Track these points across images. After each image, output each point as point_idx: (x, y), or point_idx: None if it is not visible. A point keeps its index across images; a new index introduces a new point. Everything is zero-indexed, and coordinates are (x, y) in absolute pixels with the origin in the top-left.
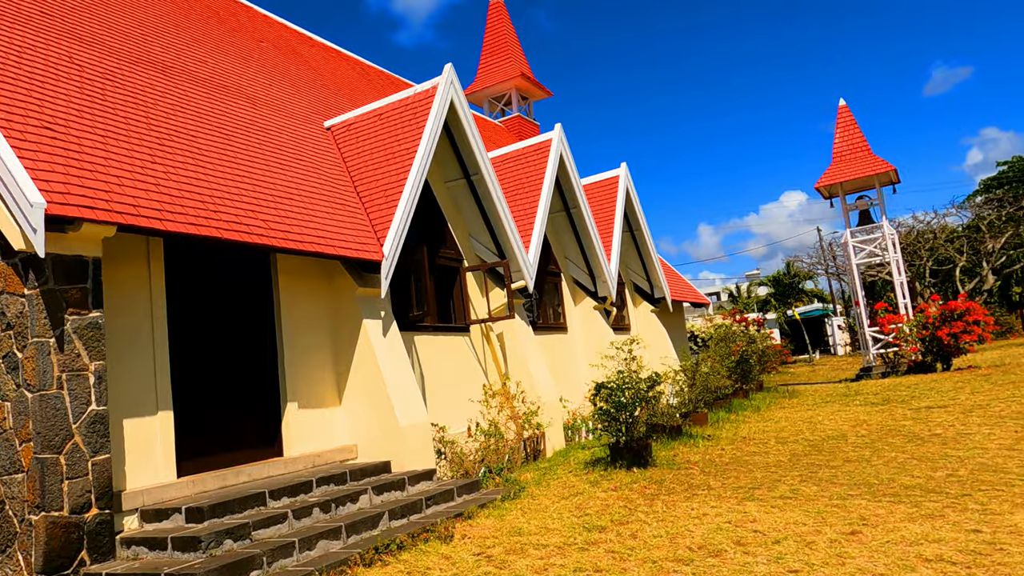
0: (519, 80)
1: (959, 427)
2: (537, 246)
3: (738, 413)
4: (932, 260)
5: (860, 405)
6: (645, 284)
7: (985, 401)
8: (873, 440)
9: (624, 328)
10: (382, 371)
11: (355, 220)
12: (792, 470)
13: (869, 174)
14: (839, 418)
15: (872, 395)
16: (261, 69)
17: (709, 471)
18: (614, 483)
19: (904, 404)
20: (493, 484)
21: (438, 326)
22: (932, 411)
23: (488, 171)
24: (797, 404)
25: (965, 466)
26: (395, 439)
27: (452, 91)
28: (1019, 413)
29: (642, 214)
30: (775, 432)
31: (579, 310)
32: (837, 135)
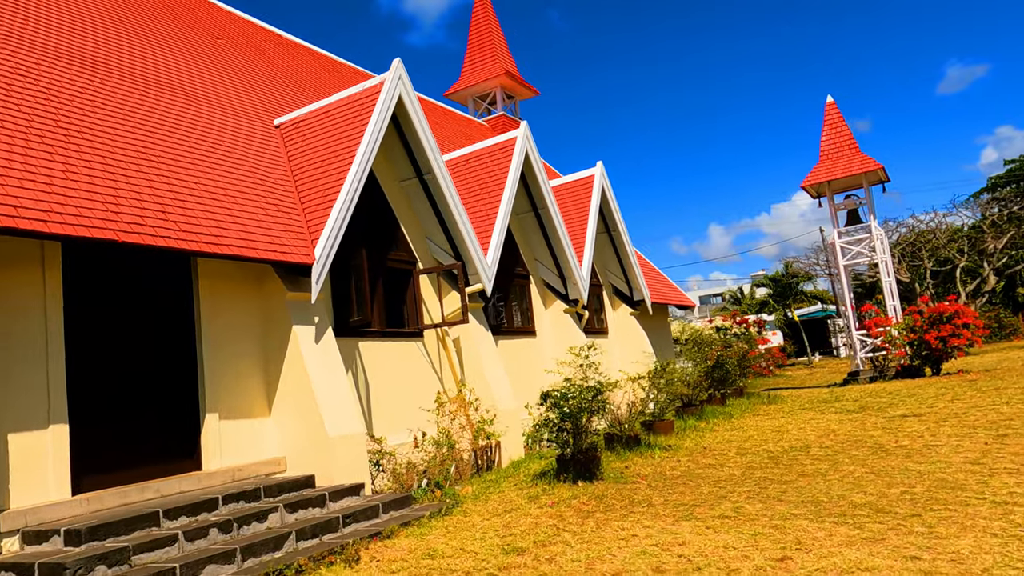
0: (503, 78)
1: (928, 438)
2: (497, 247)
3: (709, 421)
4: (933, 261)
5: (835, 413)
6: (624, 286)
7: (963, 409)
8: (836, 452)
9: (601, 331)
10: (311, 379)
11: (289, 222)
12: (743, 485)
13: (856, 172)
14: (809, 427)
15: (851, 401)
16: (211, 66)
17: (656, 486)
18: (553, 498)
19: (879, 412)
20: (429, 499)
21: (386, 331)
22: (906, 420)
23: (440, 170)
24: (773, 411)
25: (923, 482)
26: (324, 451)
27: (401, 87)
28: (993, 423)
29: (619, 214)
30: (739, 442)
31: (549, 313)
32: (824, 133)
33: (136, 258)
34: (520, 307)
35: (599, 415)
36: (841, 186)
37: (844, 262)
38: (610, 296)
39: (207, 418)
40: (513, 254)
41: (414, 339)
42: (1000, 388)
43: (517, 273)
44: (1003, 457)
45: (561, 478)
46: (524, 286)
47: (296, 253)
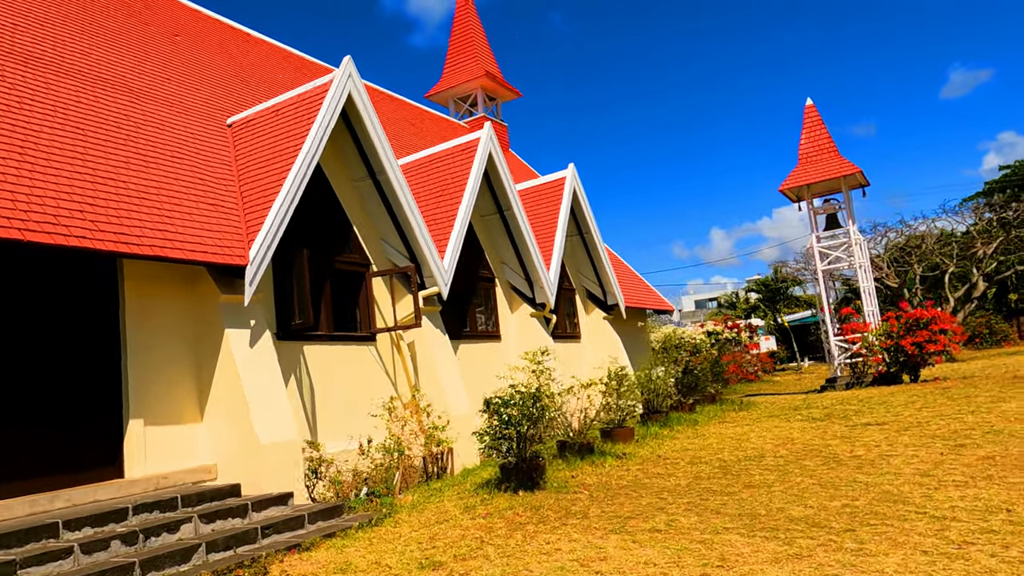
0: (484, 80)
1: (885, 448)
2: (454, 250)
3: (673, 428)
4: (923, 266)
5: (800, 420)
6: (598, 290)
7: (927, 418)
8: (788, 462)
9: (573, 336)
10: (243, 384)
11: (226, 222)
12: (685, 496)
13: (835, 176)
14: (770, 436)
15: (820, 409)
16: (163, 63)
17: (598, 496)
18: (489, 509)
19: (844, 420)
20: (364, 508)
21: (335, 335)
22: (867, 429)
23: (393, 170)
24: (740, 419)
25: (868, 494)
26: (255, 459)
27: (351, 85)
28: (954, 432)
29: (591, 217)
30: (696, 451)
31: (516, 317)
32: (803, 136)
33: (56, 259)
34: (485, 311)
35: (543, 422)
36: (820, 190)
37: (823, 267)
38: (583, 300)
39: (131, 424)
40: (477, 257)
41: (366, 343)
42: (971, 396)
43: (481, 276)
44: (955, 469)
45: (503, 488)
46: (489, 289)
47: (229, 254)
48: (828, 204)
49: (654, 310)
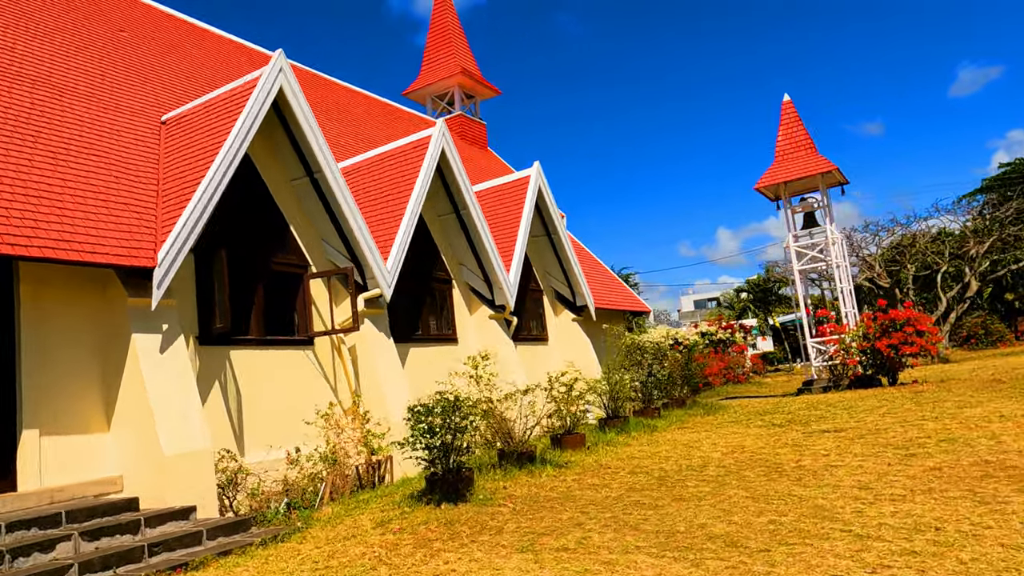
0: (461, 77)
1: (833, 457)
2: (400, 250)
3: (630, 434)
4: (917, 265)
5: (760, 427)
6: (567, 291)
7: (888, 424)
8: (730, 472)
9: (540, 338)
10: (148, 392)
11: (139, 222)
12: (609, 510)
13: (811, 173)
14: (723, 443)
15: (785, 414)
16: (100, 59)
17: (521, 510)
18: (403, 524)
19: (804, 426)
20: (278, 522)
21: (267, 339)
22: (823, 436)
23: (330, 168)
24: (702, 424)
25: (799, 509)
26: (159, 471)
27: (282, 78)
28: (910, 440)
29: (558, 217)
30: (642, 459)
31: (475, 320)
32: (780, 133)
33: None
34: (440, 313)
35: (468, 431)
36: (798, 188)
37: (799, 267)
38: (552, 301)
39: (25, 434)
40: (432, 257)
41: (303, 347)
42: (940, 401)
43: (437, 277)
44: (897, 481)
45: (426, 499)
46: (445, 291)
47: (135, 256)
48: (805, 203)
49: (632, 312)
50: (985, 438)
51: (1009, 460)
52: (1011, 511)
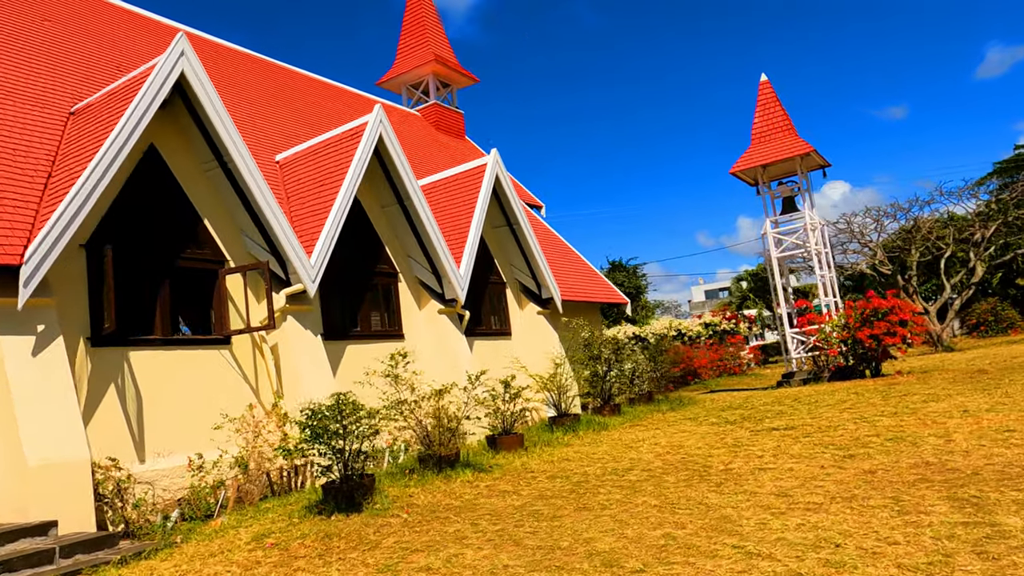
0: (435, 65)
1: (768, 459)
2: (326, 243)
3: (577, 433)
4: (920, 252)
5: (712, 424)
6: (532, 284)
7: (842, 421)
8: (651, 477)
9: (503, 332)
10: (13, 397)
11: (12, 217)
12: (502, 522)
13: (787, 155)
14: (665, 443)
15: (747, 409)
16: (10, 49)
17: (413, 521)
18: (281, 538)
19: (756, 423)
20: (161, 536)
21: (172, 340)
22: (770, 434)
23: (241, 156)
24: (657, 422)
25: (702, 520)
26: (23, 482)
27: (184, 63)
28: (856, 440)
29: (520, 206)
30: (572, 461)
31: (424, 314)
32: (757, 114)
33: None
34: (386, 308)
35: (361, 436)
36: (777, 172)
37: (777, 254)
38: (517, 294)
39: None
40: (375, 250)
41: (219, 347)
42: (910, 394)
43: (379, 271)
44: (821, 487)
45: (318, 510)
46: (390, 285)
47: (2, 253)
48: (784, 187)
49: (609, 303)
50: (936, 436)
51: (951, 462)
52: (927, 523)
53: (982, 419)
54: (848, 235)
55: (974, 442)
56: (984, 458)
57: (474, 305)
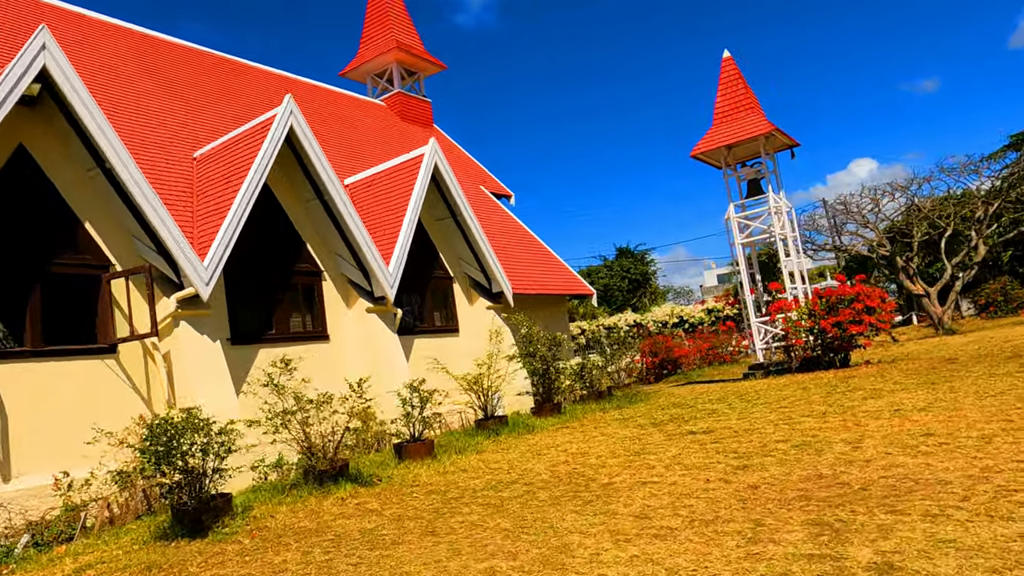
0: (397, 53)
1: (659, 470)
2: (223, 244)
3: (498, 437)
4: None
5: (637, 427)
6: (482, 278)
7: (763, 424)
8: (527, 493)
9: (450, 330)
10: None
11: None
12: (337, 550)
13: (750, 136)
14: (573, 449)
15: (684, 408)
16: None
17: (251, 548)
18: (102, 569)
19: (677, 426)
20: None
21: (45, 351)
22: (682, 439)
23: (116, 153)
24: (590, 423)
25: (538, 549)
26: None
27: (45, 56)
28: (763, 446)
29: (462, 197)
30: (466, 472)
31: (353, 314)
32: (719, 93)
33: None
34: (309, 309)
35: (202, 455)
36: (745, 154)
37: (741, 240)
38: (466, 289)
39: None
40: (294, 249)
41: (103, 356)
42: (857, 389)
43: (300, 270)
44: (690, 506)
45: (166, 534)
46: (313, 285)
47: None
48: (748, 169)
49: (575, 295)
50: (846, 442)
51: (845, 474)
52: (769, 555)
53: (908, 420)
54: (845, 216)
55: (882, 449)
56: (882, 469)
57: (415, 302)
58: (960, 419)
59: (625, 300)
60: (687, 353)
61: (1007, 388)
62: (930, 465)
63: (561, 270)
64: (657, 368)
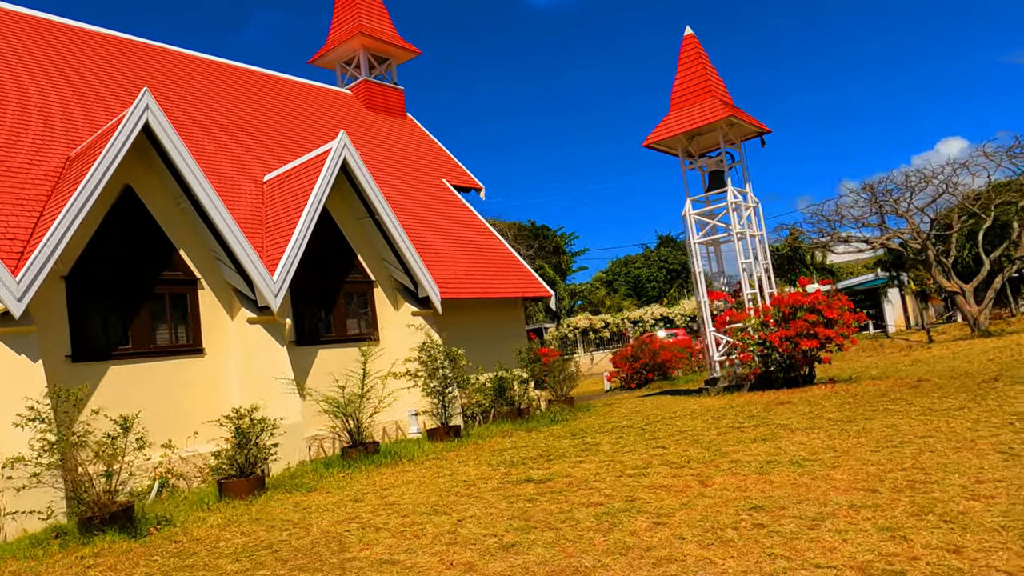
0: (363, 39)
1: (426, 542)
2: (47, 253)
3: (343, 473)
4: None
5: (487, 467)
6: (409, 281)
7: (611, 474)
8: (251, 568)
9: (369, 339)
10: None
11: None
12: None
13: (702, 123)
14: (392, 496)
15: (573, 438)
16: None
17: None
18: None
19: (528, 468)
20: None
21: None
22: (507, 489)
23: None
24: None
25: None
26: None
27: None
28: (561, 513)
29: (379, 195)
30: (246, 524)
31: (236, 325)
32: (677, 75)
33: None
34: (182, 320)
35: None
36: (711, 142)
37: (697, 240)
38: (391, 294)
39: None
40: (162, 255)
41: None
42: (763, 425)
43: (167, 279)
44: None
45: None
46: (186, 294)
47: None
48: (711, 160)
49: (527, 298)
50: (657, 514)
51: (606, 571)
52: None
53: (765, 479)
54: (872, 206)
55: (681, 531)
56: (649, 567)
57: (323, 309)
58: (825, 482)
59: (661, 291)
60: (669, 358)
61: (927, 432)
62: (707, 565)
63: (518, 271)
64: (638, 373)
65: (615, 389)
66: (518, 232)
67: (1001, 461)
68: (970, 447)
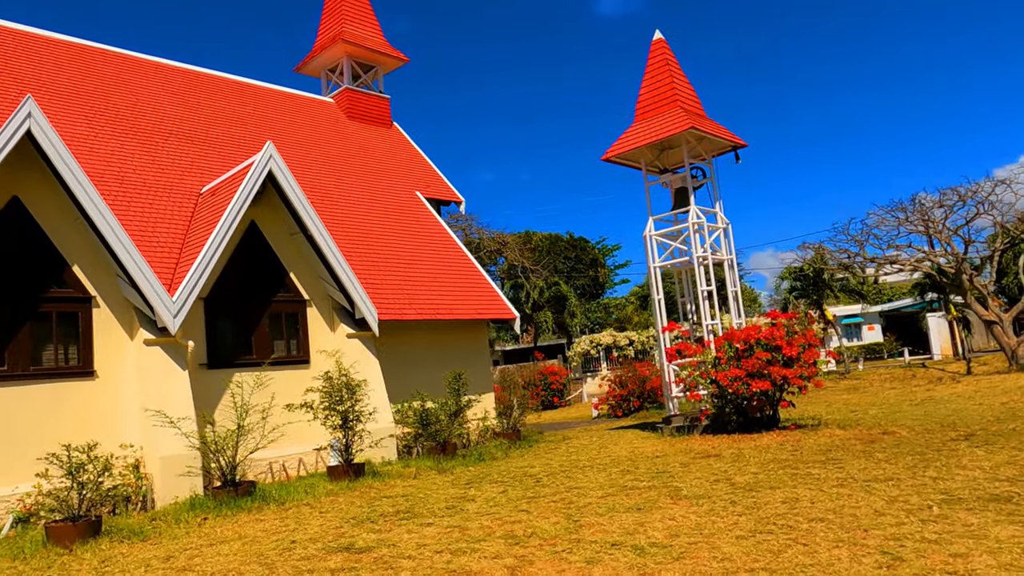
0: (346, 46)
1: None
2: None
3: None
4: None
5: (336, 522)
6: (346, 301)
7: (434, 548)
8: None
9: (294, 361)
10: None
11: None
12: None
13: (660, 136)
14: (179, 562)
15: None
16: None
17: None
18: None
19: (375, 529)
20: None
21: None
22: (336, 556)
23: None
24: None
25: None
26: None
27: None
28: None
29: (309, 210)
30: None
31: (136, 346)
32: (644, 83)
33: None
34: (73, 341)
35: None
36: (678, 160)
37: (657, 263)
38: (328, 314)
39: None
40: (51, 270)
41: None
42: (652, 488)
43: (56, 296)
44: None
45: None
46: (77, 312)
47: None
48: (677, 176)
49: (492, 320)
50: None
51: None
52: None
53: (589, 570)
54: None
55: None
56: None
57: (240, 329)
58: None
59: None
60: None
61: (824, 513)
62: None
63: (483, 290)
64: (625, 400)
65: (602, 416)
66: (551, 245)
67: (874, 568)
68: (855, 542)
